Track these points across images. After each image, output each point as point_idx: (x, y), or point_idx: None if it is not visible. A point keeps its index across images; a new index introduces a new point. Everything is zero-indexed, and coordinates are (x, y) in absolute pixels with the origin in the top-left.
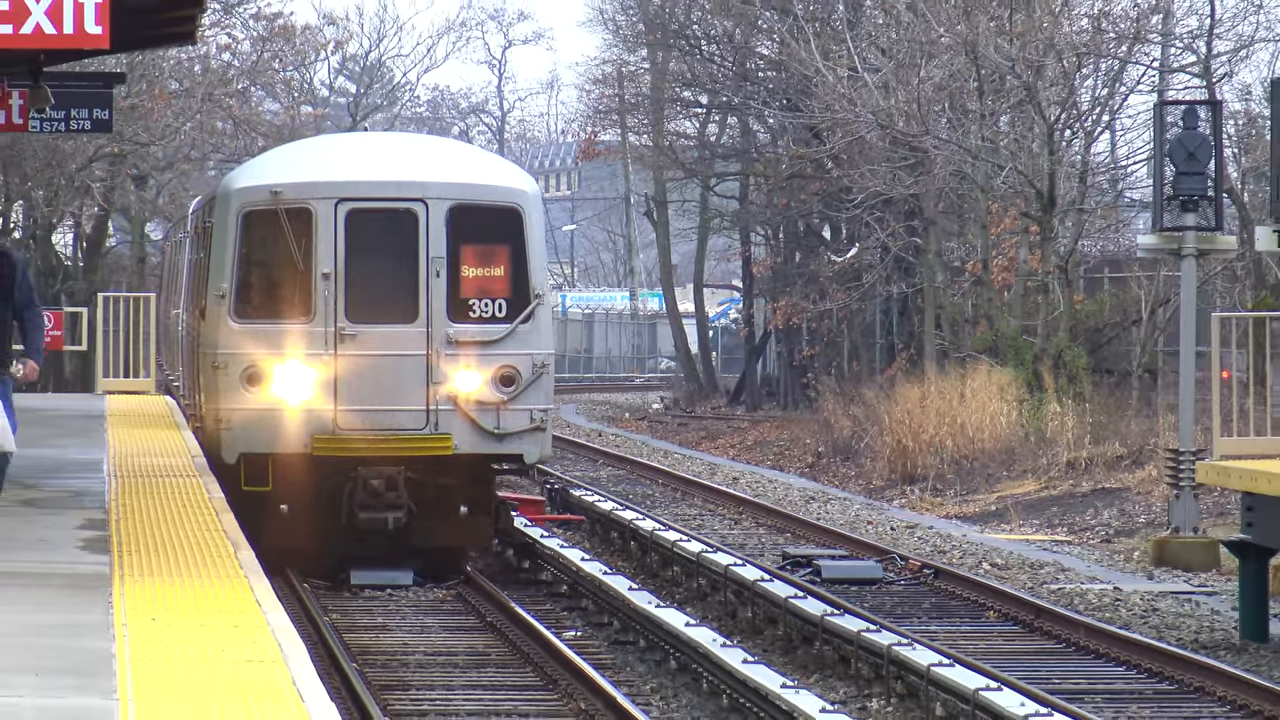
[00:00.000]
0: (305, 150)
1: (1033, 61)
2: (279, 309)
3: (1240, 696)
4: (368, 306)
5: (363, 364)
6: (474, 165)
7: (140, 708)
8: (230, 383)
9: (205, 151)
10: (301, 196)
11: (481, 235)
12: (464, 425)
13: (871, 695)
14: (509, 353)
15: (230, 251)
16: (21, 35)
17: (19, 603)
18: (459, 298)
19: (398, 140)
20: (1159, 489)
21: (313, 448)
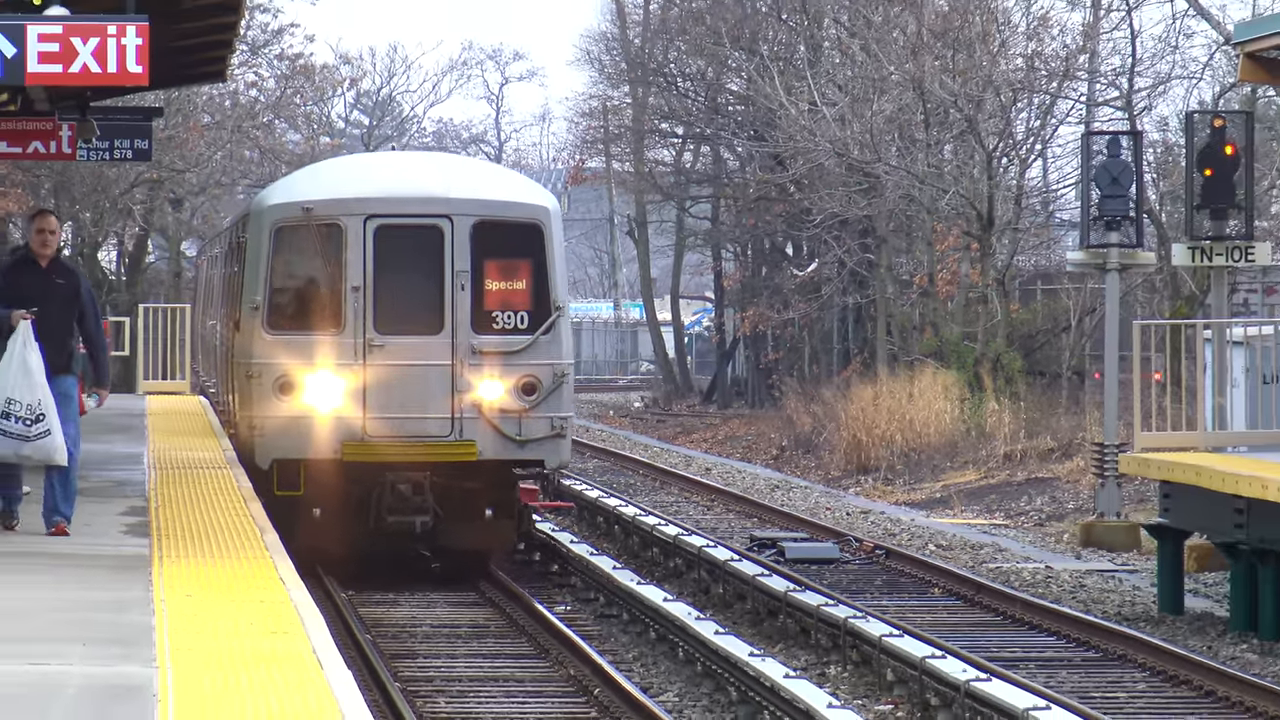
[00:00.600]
0: (335, 168)
1: (973, 96)
2: (310, 321)
3: (1158, 663)
4: (395, 318)
5: (391, 373)
6: (497, 183)
7: (178, 674)
8: (264, 391)
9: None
10: (332, 213)
11: (504, 250)
12: (488, 432)
13: (830, 663)
14: (531, 363)
15: (263, 265)
16: (70, 74)
17: (69, 581)
18: (483, 310)
19: (424, 159)
20: (1086, 478)
21: (343, 454)
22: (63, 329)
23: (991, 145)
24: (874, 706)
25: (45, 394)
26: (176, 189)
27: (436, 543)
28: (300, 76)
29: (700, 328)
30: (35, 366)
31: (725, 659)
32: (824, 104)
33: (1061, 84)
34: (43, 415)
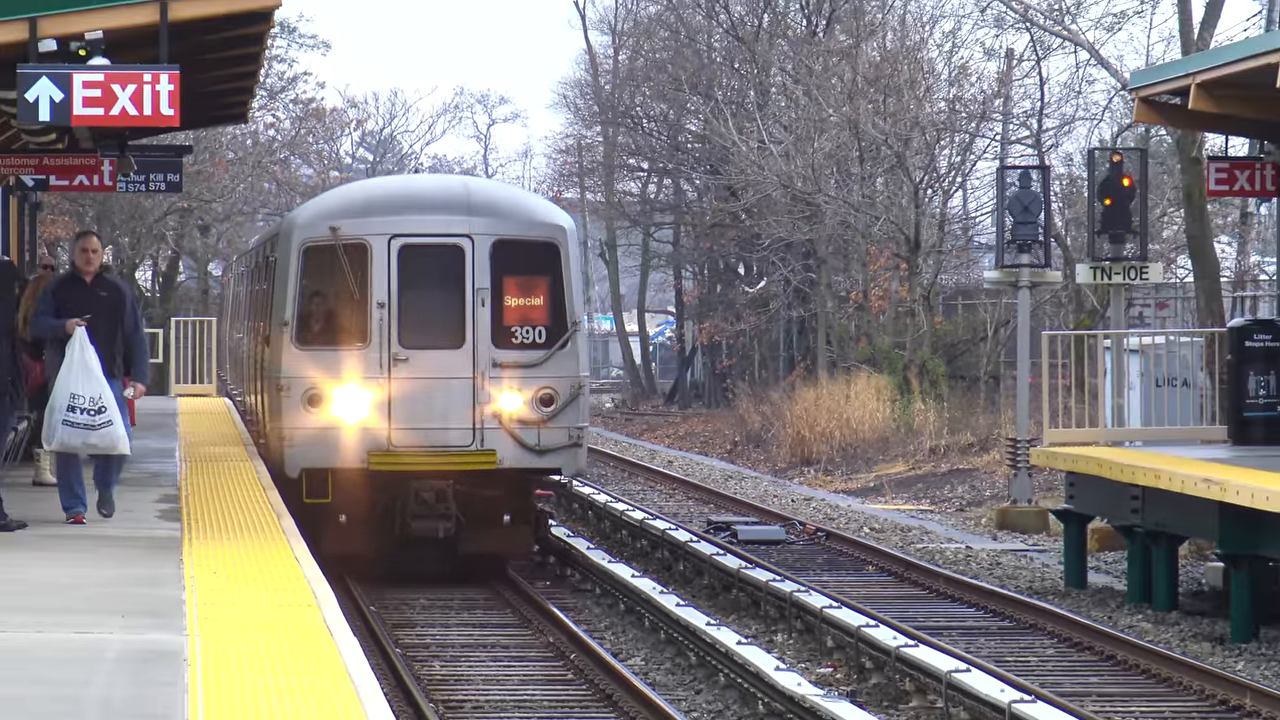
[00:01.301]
0: (361, 190)
1: (902, 135)
2: (337, 336)
3: (1065, 631)
4: (419, 333)
5: (414, 386)
6: (516, 203)
7: (205, 642)
8: (293, 404)
9: (255, 207)
10: (358, 233)
11: (523, 267)
12: (507, 442)
13: (777, 631)
14: (549, 375)
15: (292, 283)
16: (111, 116)
17: (110, 560)
18: (502, 325)
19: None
20: (1001, 469)
21: (369, 463)
22: (109, 337)
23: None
24: (816, 669)
25: (105, 389)
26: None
27: (458, 549)
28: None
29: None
30: (94, 365)
31: (686, 628)
32: (771, 142)
33: (979, 124)
34: (104, 408)
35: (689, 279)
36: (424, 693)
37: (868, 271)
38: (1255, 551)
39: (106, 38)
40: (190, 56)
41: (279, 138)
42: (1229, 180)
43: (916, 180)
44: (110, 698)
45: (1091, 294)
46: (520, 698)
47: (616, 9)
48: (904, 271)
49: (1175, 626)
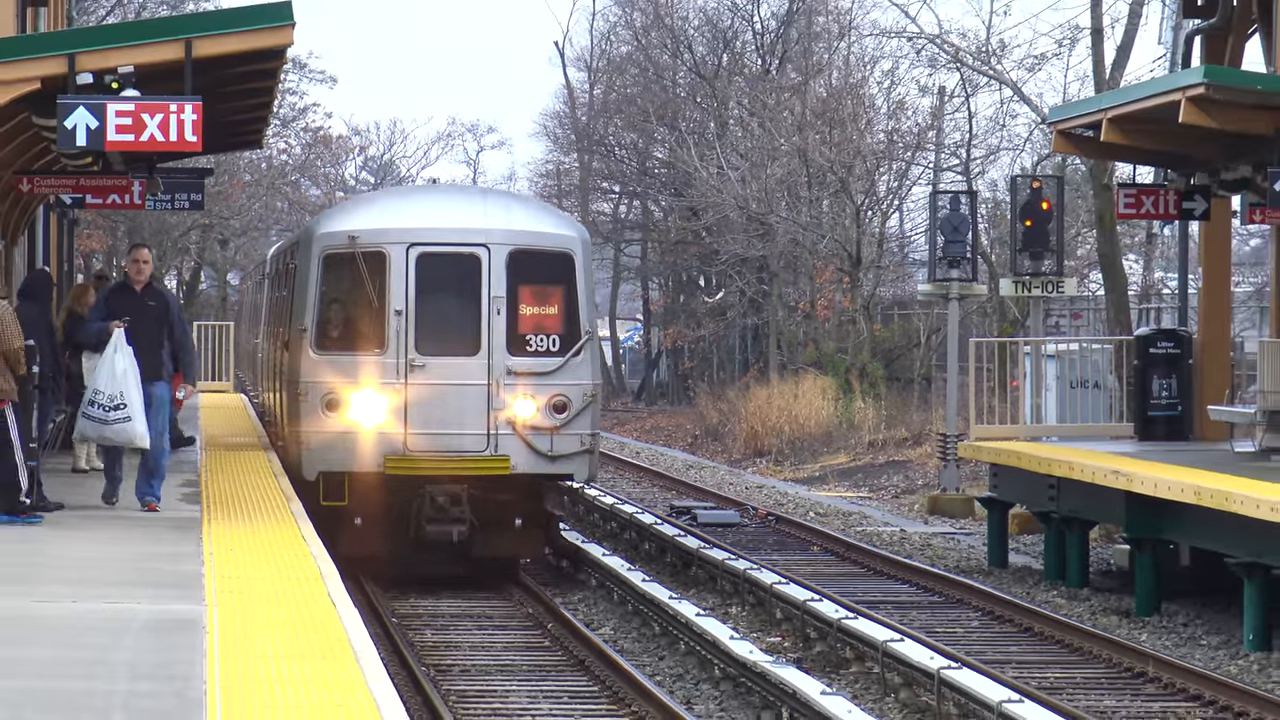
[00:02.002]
0: (380, 200)
1: (845, 163)
2: (355, 342)
3: (988, 605)
4: (435, 340)
5: (430, 392)
6: (531, 215)
7: (222, 612)
8: (311, 408)
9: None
10: (376, 241)
11: (537, 277)
12: (521, 448)
13: (732, 604)
14: (562, 383)
15: (312, 290)
16: (140, 141)
17: (137, 539)
18: (517, 333)
19: (463, 192)
20: (932, 461)
21: (385, 467)
22: (154, 341)
23: (859, 201)
24: (766, 638)
25: (129, 388)
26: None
27: (472, 551)
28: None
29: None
30: (121, 367)
31: (651, 601)
32: (729, 168)
33: (914, 154)
34: (122, 405)
35: (655, 289)
36: (416, 657)
37: (814, 284)
38: (1158, 535)
39: (137, 72)
40: (211, 89)
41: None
42: (1136, 205)
43: (858, 203)
44: (137, 661)
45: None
46: (502, 662)
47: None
48: (847, 284)
49: (1086, 602)
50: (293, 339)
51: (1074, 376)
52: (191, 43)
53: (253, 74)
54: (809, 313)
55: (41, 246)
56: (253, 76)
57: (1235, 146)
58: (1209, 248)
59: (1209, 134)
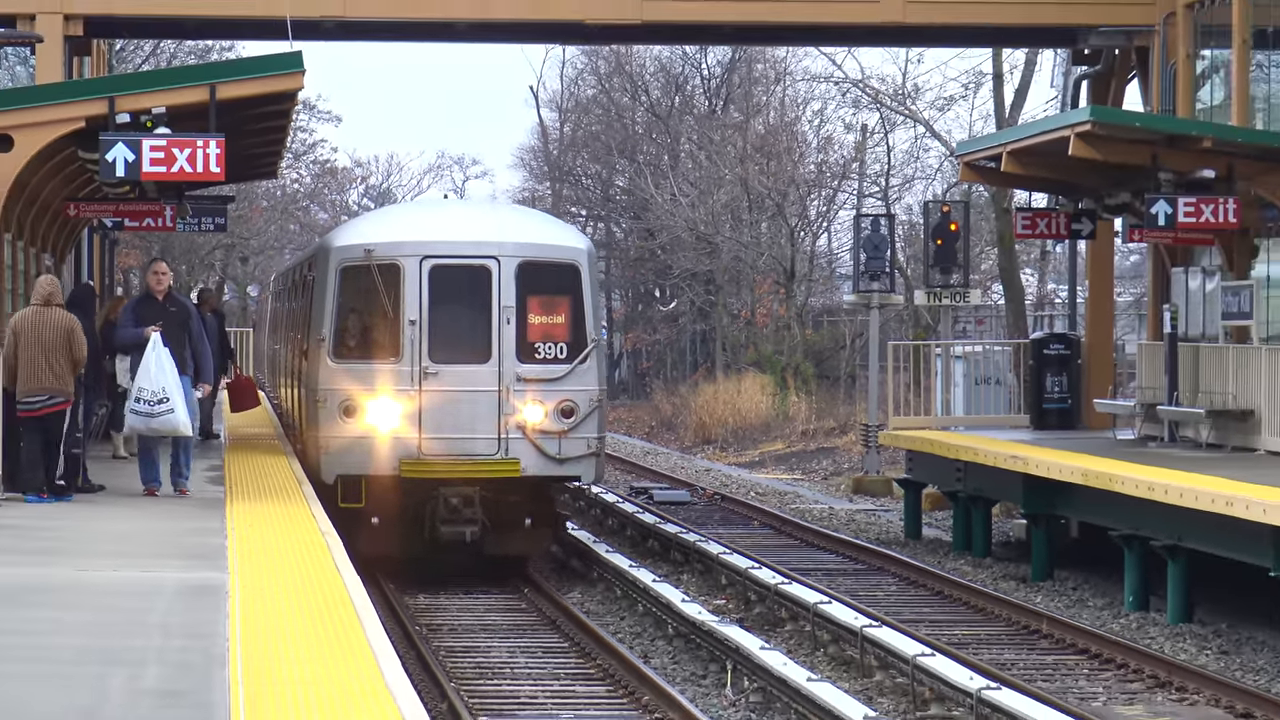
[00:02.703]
0: (394, 214)
1: (781, 190)
2: (371, 351)
3: (905, 572)
4: (448, 349)
5: (444, 398)
6: (539, 228)
7: (242, 578)
8: (329, 414)
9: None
10: (391, 254)
11: (546, 288)
12: (530, 451)
13: (683, 572)
14: (569, 389)
15: (330, 301)
16: (171, 172)
17: (170, 516)
18: (526, 341)
19: (473, 206)
20: (856, 447)
21: (400, 470)
22: (177, 344)
23: (793, 223)
24: (712, 601)
25: (170, 383)
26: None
27: (483, 550)
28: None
29: None
30: (159, 364)
31: (613, 569)
32: (680, 195)
33: (840, 182)
34: (166, 398)
35: (617, 300)
36: (410, 619)
37: (754, 295)
38: (1051, 512)
39: (168, 112)
40: (233, 126)
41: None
42: (1032, 226)
43: (792, 225)
44: (169, 622)
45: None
46: (485, 623)
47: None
48: (782, 295)
49: (989, 569)
50: (311, 348)
51: (978, 374)
52: (215, 87)
53: (269, 114)
54: (750, 320)
55: (86, 263)
56: (268, 116)
57: (1117, 176)
58: (1094, 263)
59: (1094, 165)
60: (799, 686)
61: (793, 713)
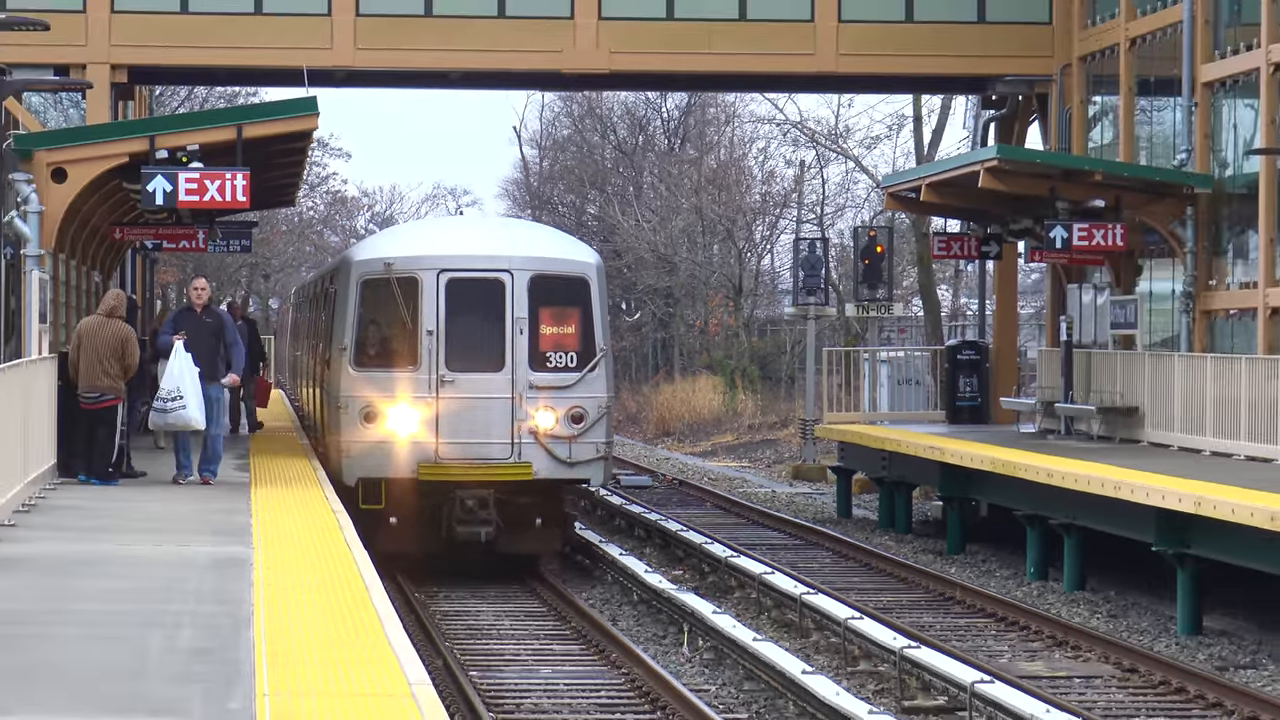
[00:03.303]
0: (413, 230)
1: (731, 217)
2: (391, 360)
3: (837, 547)
4: (464, 358)
5: (459, 405)
6: (550, 243)
7: (265, 552)
8: (351, 420)
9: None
10: (410, 268)
11: (556, 300)
12: (542, 455)
13: (646, 547)
14: (579, 396)
15: (351, 312)
16: (203, 201)
17: (202, 499)
18: (538, 351)
19: (487, 222)
20: (795, 439)
21: (418, 473)
22: (211, 350)
23: (741, 246)
24: (671, 571)
25: (185, 384)
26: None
27: (496, 548)
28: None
29: None
30: (178, 369)
31: (585, 545)
32: (644, 221)
33: (781, 210)
34: (179, 396)
35: None
36: (410, 583)
37: (708, 307)
38: (964, 495)
39: (201, 149)
40: (257, 161)
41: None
42: (947, 248)
43: (740, 247)
44: (201, 589)
45: (855, 323)
46: (475, 592)
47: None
48: (731, 307)
49: (910, 544)
50: (333, 356)
51: (901, 376)
52: (242, 127)
53: (288, 150)
54: (703, 329)
55: (129, 279)
56: (288, 152)
57: (1020, 205)
58: (1001, 280)
59: (1001, 195)
60: (746, 645)
61: (741, 668)
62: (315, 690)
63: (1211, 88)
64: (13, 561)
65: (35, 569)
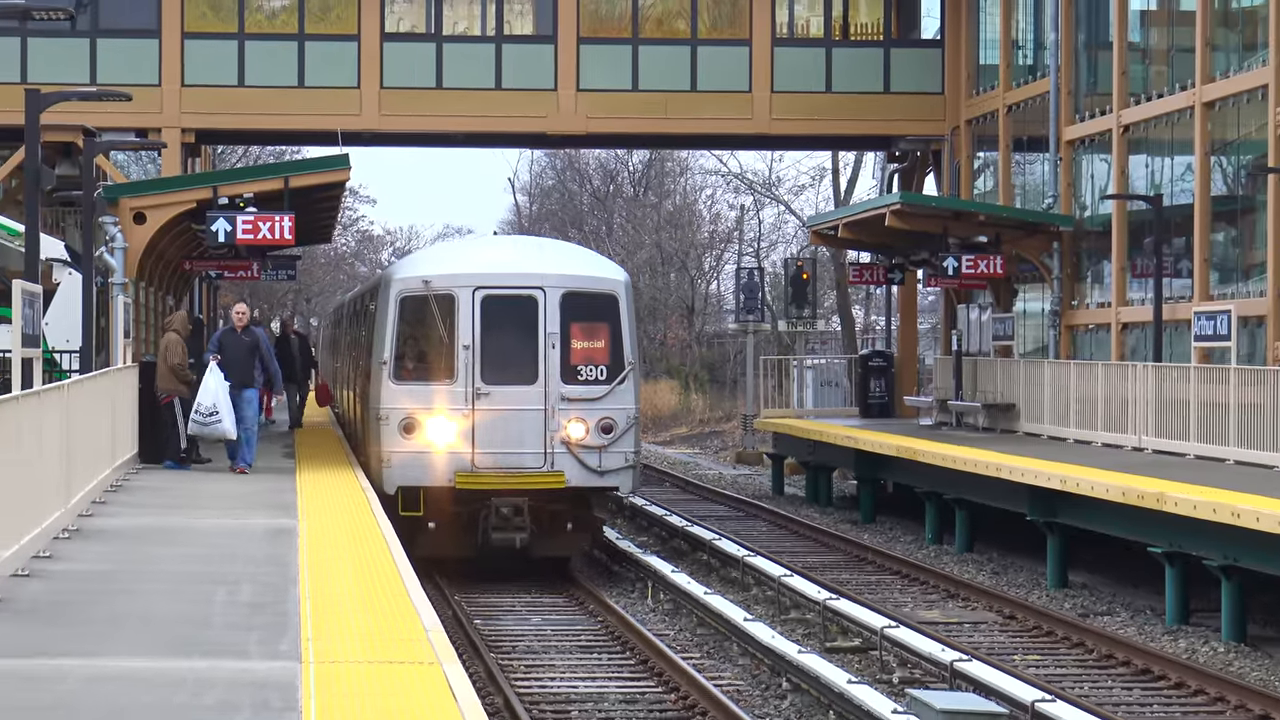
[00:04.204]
0: (449, 250)
1: (685, 250)
2: (429, 373)
3: (772, 519)
4: (498, 371)
5: (495, 416)
6: (581, 261)
7: (308, 523)
8: (391, 431)
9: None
10: (447, 285)
11: (587, 315)
12: (573, 464)
13: (617, 519)
14: (609, 407)
15: (390, 328)
16: (257, 239)
17: (256, 480)
18: (569, 364)
19: (521, 242)
20: (738, 431)
21: (455, 482)
22: (246, 363)
23: (693, 274)
24: (637, 539)
25: (219, 400)
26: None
27: (529, 552)
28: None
29: None
30: (213, 387)
31: None
32: (614, 255)
33: (726, 245)
34: (215, 412)
35: None
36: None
37: (666, 324)
38: (875, 476)
39: (255, 196)
40: (300, 205)
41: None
42: (860, 275)
43: (692, 275)
44: (255, 553)
45: (786, 336)
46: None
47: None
48: (686, 324)
49: (831, 515)
50: (374, 370)
51: (823, 379)
52: (288, 179)
53: (325, 197)
54: (663, 341)
55: (196, 302)
56: (325, 199)
57: (918, 240)
58: (904, 301)
59: (903, 233)
60: (698, 598)
61: (694, 616)
62: (349, 633)
63: (1072, 145)
64: (104, 532)
65: (122, 538)
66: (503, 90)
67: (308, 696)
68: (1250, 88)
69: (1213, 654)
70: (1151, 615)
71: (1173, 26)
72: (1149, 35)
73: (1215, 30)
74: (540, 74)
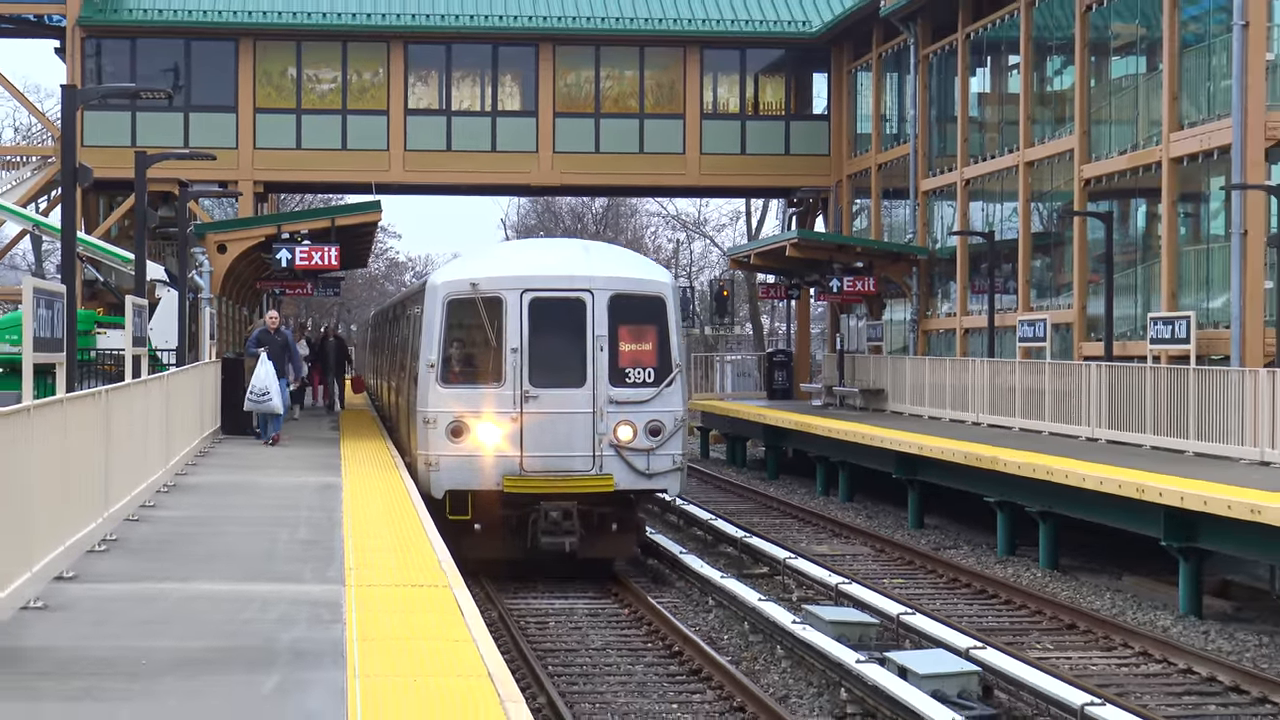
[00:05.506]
0: (496, 253)
1: None
2: (476, 376)
3: (700, 477)
4: (546, 374)
5: (543, 419)
6: (628, 264)
7: (350, 480)
8: (438, 434)
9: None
10: (494, 288)
11: (634, 318)
12: (621, 467)
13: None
14: (656, 410)
15: (437, 331)
16: (311, 264)
17: (308, 448)
18: (617, 367)
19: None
20: None
21: (504, 486)
22: (280, 359)
23: None
24: None
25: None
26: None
27: (577, 554)
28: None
29: None
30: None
31: None
32: None
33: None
34: (266, 391)
35: None
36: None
37: None
38: (778, 443)
39: (309, 232)
40: (343, 239)
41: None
42: (767, 292)
43: None
44: (309, 502)
45: (711, 339)
46: None
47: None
48: None
49: (745, 474)
50: (420, 373)
51: (739, 371)
52: (335, 219)
53: (362, 232)
54: None
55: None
56: (362, 234)
57: (812, 266)
58: (800, 312)
59: (800, 260)
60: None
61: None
62: (380, 565)
63: (927, 194)
64: (195, 487)
65: (209, 491)
66: (497, 152)
67: (350, 610)
68: (1060, 151)
69: (1033, 579)
70: (987, 549)
71: (1002, 105)
72: (985, 111)
73: (1035, 107)
74: (525, 140)
